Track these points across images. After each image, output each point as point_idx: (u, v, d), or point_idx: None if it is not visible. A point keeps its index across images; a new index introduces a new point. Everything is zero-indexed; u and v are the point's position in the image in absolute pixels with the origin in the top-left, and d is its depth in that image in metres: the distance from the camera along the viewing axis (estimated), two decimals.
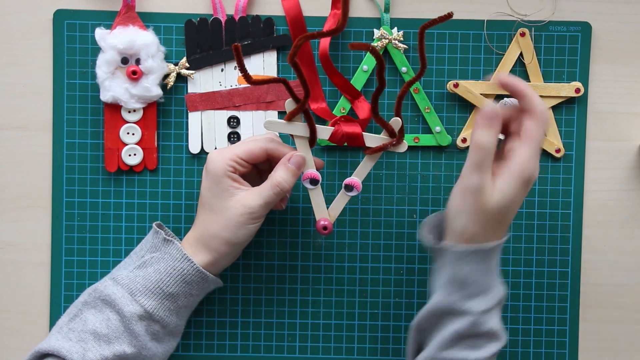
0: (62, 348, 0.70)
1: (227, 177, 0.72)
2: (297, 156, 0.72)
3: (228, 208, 0.71)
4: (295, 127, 0.71)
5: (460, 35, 0.81)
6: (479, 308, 0.70)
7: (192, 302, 0.75)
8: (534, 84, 0.81)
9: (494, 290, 0.71)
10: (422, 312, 0.73)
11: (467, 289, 0.70)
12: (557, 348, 0.82)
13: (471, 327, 0.70)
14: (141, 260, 0.74)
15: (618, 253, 0.83)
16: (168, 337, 0.74)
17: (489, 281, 0.70)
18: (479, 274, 0.70)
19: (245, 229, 0.72)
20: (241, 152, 0.72)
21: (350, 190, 0.74)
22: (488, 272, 0.70)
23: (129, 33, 0.79)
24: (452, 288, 0.70)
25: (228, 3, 0.81)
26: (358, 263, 0.83)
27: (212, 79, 0.81)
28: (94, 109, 0.81)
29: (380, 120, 0.71)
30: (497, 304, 0.71)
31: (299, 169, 0.72)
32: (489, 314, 0.70)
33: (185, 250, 0.73)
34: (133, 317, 0.71)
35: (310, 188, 0.73)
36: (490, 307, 0.70)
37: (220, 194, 0.72)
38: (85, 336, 0.71)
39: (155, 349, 0.73)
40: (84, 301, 0.74)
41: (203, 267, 0.73)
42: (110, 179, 0.82)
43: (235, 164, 0.72)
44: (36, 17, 0.81)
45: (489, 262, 0.70)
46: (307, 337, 0.83)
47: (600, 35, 0.82)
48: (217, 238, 0.72)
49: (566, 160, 0.82)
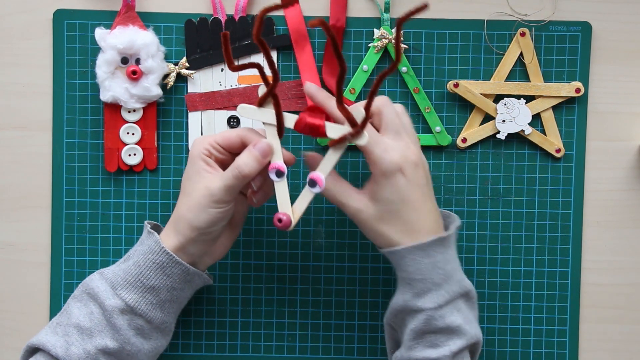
0: (48, 342, 0.71)
1: (201, 159, 0.71)
2: (262, 142, 0.71)
3: (194, 190, 0.71)
4: (265, 113, 0.71)
5: (460, 35, 0.81)
6: (431, 304, 0.69)
7: (176, 296, 0.74)
8: (534, 84, 0.81)
9: (448, 285, 0.70)
10: (388, 311, 0.74)
11: (416, 286, 0.70)
12: (557, 348, 0.82)
13: (426, 324, 0.70)
14: (127, 254, 0.74)
15: (618, 253, 0.83)
16: (155, 334, 0.73)
17: (438, 277, 0.70)
18: (425, 271, 0.69)
19: (207, 213, 0.71)
20: (219, 138, 0.72)
21: (313, 185, 0.70)
22: (435, 268, 0.69)
23: (129, 33, 0.79)
24: (403, 287, 0.71)
25: (228, 3, 0.81)
26: (358, 263, 0.83)
27: (212, 79, 0.81)
28: (93, 109, 0.81)
29: (343, 109, 0.68)
30: (454, 299, 0.70)
31: (263, 156, 0.70)
32: (443, 310, 0.70)
33: (161, 240, 0.72)
34: (114, 310, 0.71)
35: (276, 180, 0.71)
36: (444, 303, 0.69)
37: (192, 176, 0.72)
38: (70, 330, 0.71)
39: (140, 344, 0.72)
40: (73, 295, 0.74)
41: (172, 251, 0.71)
42: (110, 179, 0.82)
43: (211, 148, 0.72)
44: (36, 17, 0.81)
45: (432, 258, 0.70)
46: (307, 337, 0.83)
47: (600, 35, 0.82)
48: (182, 220, 0.71)
49: (566, 160, 0.82)
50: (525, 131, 0.81)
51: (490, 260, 0.82)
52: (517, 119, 0.81)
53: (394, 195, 0.69)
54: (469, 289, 0.72)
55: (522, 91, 0.81)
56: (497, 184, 0.82)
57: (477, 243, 0.82)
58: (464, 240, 0.82)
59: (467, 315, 0.71)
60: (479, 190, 0.82)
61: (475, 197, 0.82)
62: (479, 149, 0.82)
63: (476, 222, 0.82)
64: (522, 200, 0.82)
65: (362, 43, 0.81)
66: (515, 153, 0.82)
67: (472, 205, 0.82)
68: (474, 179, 0.82)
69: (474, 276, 0.82)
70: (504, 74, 0.81)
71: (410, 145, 0.70)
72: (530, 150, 0.82)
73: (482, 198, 0.82)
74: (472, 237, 0.82)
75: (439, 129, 0.81)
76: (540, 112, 0.81)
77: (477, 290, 0.79)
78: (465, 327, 0.70)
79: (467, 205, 0.82)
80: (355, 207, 0.71)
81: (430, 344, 0.70)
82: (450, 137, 0.81)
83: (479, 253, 0.82)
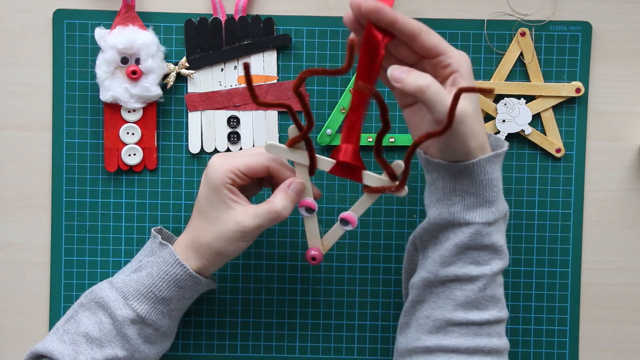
0: (55, 350, 0.70)
1: (226, 188, 0.71)
2: (297, 183, 0.71)
3: (222, 221, 0.71)
4: (296, 154, 0.70)
5: (460, 35, 0.81)
6: (482, 219, 0.67)
7: (184, 304, 0.75)
8: (534, 84, 0.81)
9: (497, 204, 0.68)
10: (419, 229, 0.70)
11: (469, 199, 0.67)
12: (557, 348, 0.82)
13: (473, 239, 0.67)
14: (138, 264, 0.74)
15: (618, 253, 0.83)
16: (161, 339, 0.74)
17: (490, 195, 0.68)
18: (481, 185, 0.67)
19: (235, 245, 0.71)
20: (242, 166, 0.71)
21: (345, 224, 0.72)
22: (489, 186, 0.67)
23: (129, 33, 0.79)
24: (449, 199, 0.68)
25: (228, 3, 0.81)
26: (358, 263, 0.83)
27: (212, 79, 0.81)
28: (93, 109, 0.81)
29: (382, 161, 0.68)
30: (500, 219, 0.69)
31: (298, 196, 0.71)
32: (491, 227, 0.68)
33: (178, 255, 0.72)
34: (125, 321, 0.71)
35: (306, 216, 0.72)
36: (493, 220, 0.68)
37: (217, 204, 0.71)
38: (78, 339, 0.71)
39: (147, 351, 0.73)
40: (80, 303, 0.74)
41: (194, 271, 0.73)
42: (110, 179, 0.82)
43: (234, 177, 0.71)
44: (36, 17, 0.81)
45: (495, 173, 0.68)
46: (307, 337, 0.83)
47: (600, 35, 0.82)
48: (207, 247, 0.72)
49: (566, 160, 0.82)
50: (525, 131, 0.81)
51: None
52: (517, 119, 0.81)
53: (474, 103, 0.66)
54: (506, 210, 0.70)
55: (522, 91, 0.81)
56: None
57: None
58: None
59: (505, 238, 0.70)
60: None
61: None
62: None
63: None
64: (522, 200, 0.82)
65: None
66: (515, 153, 0.82)
67: None
68: None
69: None
70: (504, 74, 0.81)
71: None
72: (530, 150, 0.82)
73: None
74: None
75: None
76: (541, 112, 0.81)
77: None
78: (505, 249, 0.69)
79: None
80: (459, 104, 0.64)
81: (472, 260, 0.68)
82: None
83: None
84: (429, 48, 0.66)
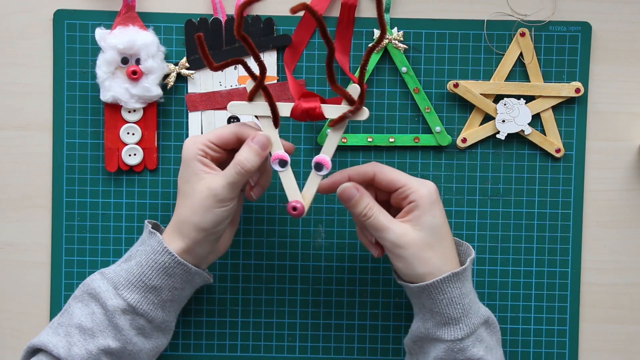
0: (50, 343, 0.71)
1: (197, 161, 0.71)
2: (260, 135, 0.71)
3: (195, 191, 0.71)
4: (257, 106, 0.71)
5: (460, 35, 0.81)
6: (450, 336, 0.70)
7: (177, 295, 0.74)
8: (534, 84, 0.81)
9: (465, 320, 0.71)
10: (409, 335, 0.75)
11: (437, 316, 0.71)
12: (557, 348, 0.82)
13: (449, 354, 0.71)
14: (129, 254, 0.74)
15: (618, 253, 0.83)
16: (156, 333, 0.74)
17: (454, 312, 0.71)
18: (442, 305, 0.70)
19: (212, 213, 0.71)
20: (212, 137, 0.72)
21: (320, 169, 0.71)
22: (451, 305, 0.70)
23: (129, 33, 0.79)
24: (424, 314, 0.72)
25: (228, 3, 0.81)
26: (358, 263, 0.83)
27: (212, 79, 0.81)
28: (94, 109, 0.81)
29: (338, 88, 0.69)
30: (478, 329, 0.71)
31: (263, 148, 0.71)
32: (465, 341, 0.70)
33: (165, 242, 0.72)
34: (116, 310, 0.71)
35: (280, 170, 0.71)
36: (463, 336, 0.70)
37: (190, 178, 0.71)
38: (71, 330, 0.71)
39: (141, 344, 0.72)
40: (74, 295, 0.74)
41: (178, 254, 0.71)
42: (110, 179, 0.82)
43: (205, 148, 0.71)
44: (36, 17, 0.81)
45: (459, 289, 0.71)
46: (307, 337, 0.83)
47: (600, 35, 0.82)
48: (187, 223, 0.71)
49: (566, 160, 0.82)
50: (525, 131, 0.81)
51: (490, 260, 0.82)
52: (517, 119, 0.81)
53: (436, 220, 0.71)
54: (487, 315, 0.73)
55: (522, 91, 0.81)
56: (497, 184, 0.82)
57: (477, 243, 0.82)
58: (464, 241, 0.82)
59: (489, 344, 0.72)
60: (479, 190, 0.82)
61: (475, 197, 0.82)
62: (479, 149, 0.82)
63: (476, 222, 0.82)
64: (522, 200, 0.82)
65: (362, 43, 0.81)
66: (515, 153, 0.82)
67: (472, 205, 0.82)
68: (474, 179, 0.82)
69: (474, 276, 0.82)
70: (504, 74, 0.81)
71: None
72: (530, 150, 0.82)
73: (482, 198, 0.82)
74: (472, 237, 0.82)
75: (439, 129, 0.81)
76: (540, 112, 0.82)
77: (477, 291, 0.80)
78: (486, 357, 0.71)
79: (467, 205, 0.82)
80: (400, 231, 0.70)
81: None
82: (450, 137, 0.81)
83: (479, 253, 0.82)
84: (386, 185, 0.72)
